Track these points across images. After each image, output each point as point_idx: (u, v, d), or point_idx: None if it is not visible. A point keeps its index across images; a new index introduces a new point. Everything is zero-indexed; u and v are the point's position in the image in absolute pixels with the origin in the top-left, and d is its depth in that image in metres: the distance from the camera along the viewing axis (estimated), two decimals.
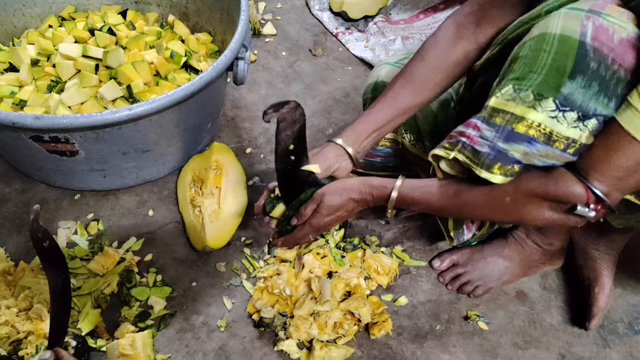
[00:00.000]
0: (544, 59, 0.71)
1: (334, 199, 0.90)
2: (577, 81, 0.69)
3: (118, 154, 1.17)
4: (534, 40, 0.73)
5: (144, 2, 1.59)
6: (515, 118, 0.73)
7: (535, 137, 0.72)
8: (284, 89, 1.61)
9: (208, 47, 1.51)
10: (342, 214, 0.92)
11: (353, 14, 1.77)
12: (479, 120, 0.77)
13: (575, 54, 0.69)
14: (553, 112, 0.70)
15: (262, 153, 1.42)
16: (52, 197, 1.28)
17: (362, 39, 1.74)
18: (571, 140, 0.71)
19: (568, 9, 0.73)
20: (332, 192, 0.90)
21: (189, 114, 1.20)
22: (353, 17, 1.78)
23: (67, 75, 1.28)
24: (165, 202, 1.30)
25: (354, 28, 1.79)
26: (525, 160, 0.74)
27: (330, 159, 0.95)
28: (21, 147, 1.12)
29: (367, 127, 0.96)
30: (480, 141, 0.76)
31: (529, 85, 0.71)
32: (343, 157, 0.96)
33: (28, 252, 1.17)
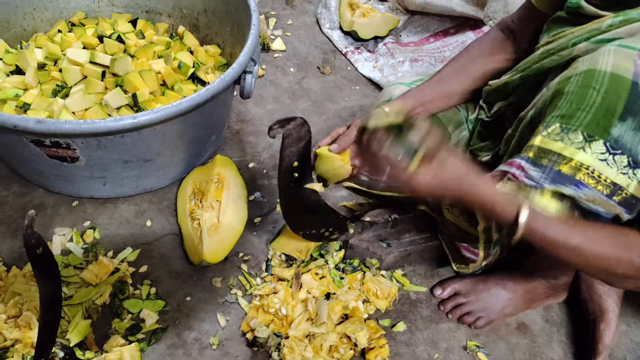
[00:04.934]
0: (593, 97, 0.68)
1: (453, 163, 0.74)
2: (627, 123, 0.66)
3: (119, 162, 1.15)
4: (581, 76, 0.71)
5: (155, 12, 1.59)
6: (562, 159, 0.70)
7: (583, 180, 0.69)
8: (291, 105, 1.60)
9: (216, 59, 1.50)
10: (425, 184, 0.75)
11: (363, 33, 1.77)
12: (524, 161, 0.75)
13: (627, 95, 0.66)
14: (603, 155, 0.68)
15: (265, 168, 1.40)
16: (49, 202, 1.27)
17: (371, 59, 1.74)
18: (618, 187, 0.68)
19: (618, 46, 0.70)
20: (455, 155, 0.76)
21: (193, 126, 1.18)
22: (363, 37, 1.77)
23: (73, 81, 1.27)
24: (164, 213, 1.28)
25: (364, 48, 1.78)
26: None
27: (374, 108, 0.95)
28: (22, 150, 1.11)
29: (413, 101, 1.00)
30: (526, 181, 0.74)
31: (578, 125, 0.69)
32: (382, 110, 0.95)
33: (21, 258, 1.15)
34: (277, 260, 1.19)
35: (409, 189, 0.76)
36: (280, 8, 1.96)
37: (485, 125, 1.02)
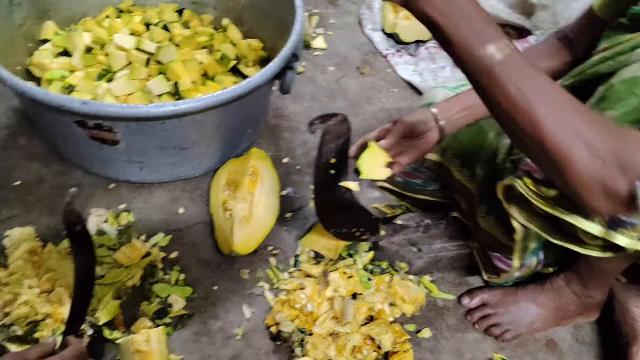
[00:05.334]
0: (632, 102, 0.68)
1: None
2: None
3: (157, 148, 1.17)
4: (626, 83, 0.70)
5: (201, 3, 1.61)
6: None
7: None
8: (328, 103, 1.60)
9: (258, 53, 1.51)
10: None
11: (405, 36, 1.76)
12: None
13: None
14: None
15: (298, 165, 1.40)
16: (87, 183, 1.29)
17: (411, 63, 1.72)
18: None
19: None
20: None
21: (231, 117, 1.19)
22: (405, 39, 1.76)
23: (118, 66, 1.30)
24: (197, 202, 1.29)
25: (404, 51, 1.77)
26: None
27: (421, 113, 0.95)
28: (65, 130, 1.13)
29: (460, 104, 0.98)
30: None
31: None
32: (434, 127, 0.96)
33: (57, 235, 1.17)
34: (305, 257, 1.19)
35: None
36: (323, 7, 1.97)
37: None
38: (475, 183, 1.09)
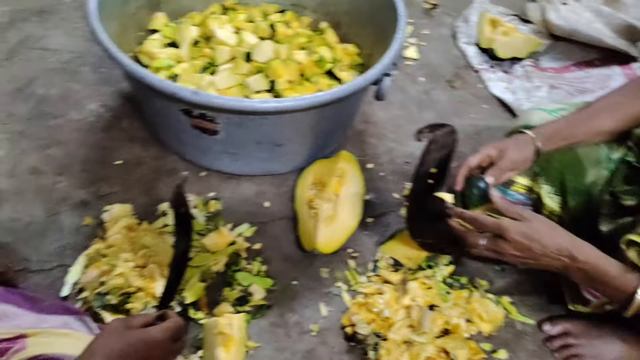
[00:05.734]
0: None
1: (543, 229, 0.80)
2: None
3: (253, 142, 1.21)
4: None
5: (301, 6, 1.65)
6: None
7: None
8: (416, 113, 1.60)
9: (353, 58, 1.53)
10: (529, 256, 0.81)
11: (501, 52, 1.73)
12: None
13: None
14: None
15: (382, 171, 1.41)
16: (181, 168, 1.35)
17: (504, 80, 1.69)
18: None
19: None
20: (546, 222, 0.82)
21: (327, 118, 1.22)
22: (501, 56, 1.73)
23: (222, 60, 1.36)
24: (283, 197, 1.32)
25: (498, 67, 1.74)
26: None
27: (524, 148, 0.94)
28: (170, 117, 1.20)
29: (561, 132, 0.96)
30: None
31: None
32: (531, 150, 0.95)
33: (152, 214, 1.24)
34: (384, 263, 1.19)
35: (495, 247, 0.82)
36: (417, 17, 1.97)
37: (633, 168, 0.96)
38: (567, 211, 1.06)
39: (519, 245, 0.81)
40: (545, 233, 0.81)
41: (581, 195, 1.02)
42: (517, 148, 0.95)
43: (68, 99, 1.47)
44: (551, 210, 1.08)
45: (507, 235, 0.81)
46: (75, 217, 1.21)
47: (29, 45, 1.61)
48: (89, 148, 1.36)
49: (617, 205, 0.95)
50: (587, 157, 1.03)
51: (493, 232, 0.83)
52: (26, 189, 1.25)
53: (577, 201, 1.03)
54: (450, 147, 0.82)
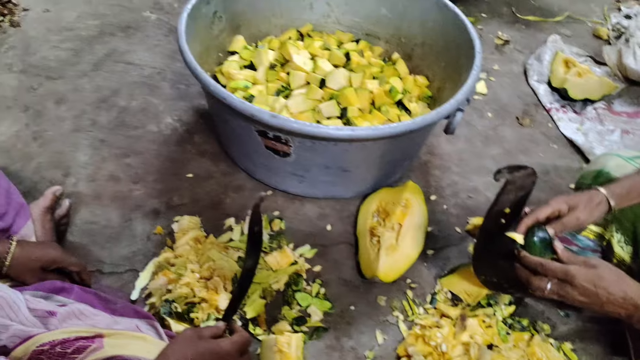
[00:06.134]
0: None
1: (610, 277, 0.81)
2: None
3: (322, 166, 1.24)
4: None
5: (374, 36, 1.68)
6: None
7: None
8: (482, 148, 1.59)
9: (422, 90, 1.55)
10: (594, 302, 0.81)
11: (574, 93, 1.71)
12: None
13: None
14: None
15: (445, 204, 1.41)
16: (248, 186, 1.40)
17: (576, 121, 1.67)
18: None
19: None
20: (612, 270, 0.82)
21: (396, 148, 1.23)
22: (573, 96, 1.71)
23: (297, 85, 1.40)
24: (344, 222, 1.34)
25: (570, 107, 1.72)
26: None
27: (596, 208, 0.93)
28: (245, 137, 1.24)
29: (635, 188, 0.95)
30: None
31: None
32: (603, 209, 0.94)
33: (218, 228, 1.28)
34: (442, 296, 1.19)
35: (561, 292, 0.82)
36: (488, 51, 1.97)
37: None
38: (637, 262, 1.03)
39: (584, 291, 0.81)
40: (612, 280, 0.81)
41: None
42: (588, 208, 0.93)
43: (147, 112, 1.55)
44: (621, 259, 1.05)
45: (573, 281, 0.81)
46: (146, 225, 1.27)
47: (114, 59, 1.71)
48: (163, 160, 1.43)
49: None
50: None
51: (560, 278, 0.83)
52: (104, 194, 1.32)
53: None
54: (527, 190, 0.82)
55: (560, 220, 0.93)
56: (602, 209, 0.94)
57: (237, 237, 1.27)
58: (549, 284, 0.84)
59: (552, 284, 0.83)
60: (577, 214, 0.93)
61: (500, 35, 2.02)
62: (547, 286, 0.84)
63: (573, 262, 0.84)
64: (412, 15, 1.58)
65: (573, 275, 0.81)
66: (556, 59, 1.80)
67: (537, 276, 0.85)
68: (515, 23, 2.11)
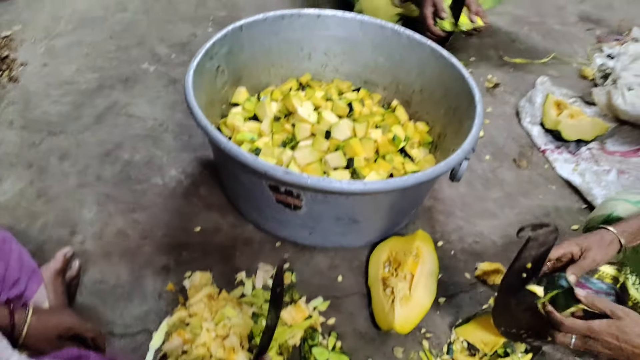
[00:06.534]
0: None
1: (632, 330, 0.81)
2: None
3: (332, 218, 1.25)
4: None
5: (372, 83, 1.72)
6: None
7: None
8: (483, 192, 1.62)
9: (423, 136, 1.58)
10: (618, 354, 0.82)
11: (567, 134, 1.75)
12: None
13: None
14: None
15: (453, 249, 1.42)
16: (257, 238, 1.40)
17: (571, 162, 1.71)
18: None
19: None
20: (634, 321, 0.82)
21: (405, 198, 1.25)
22: (566, 137, 1.76)
23: (302, 136, 1.42)
24: (355, 272, 1.34)
25: (564, 148, 1.76)
26: None
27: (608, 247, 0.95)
28: (255, 191, 1.25)
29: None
30: None
31: None
32: (615, 248, 0.96)
33: (229, 283, 1.28)
34: (459, 346, 1.19)
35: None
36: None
37: None
38: None
39: (608, 345, 0.83)
40: (636, 332, 0.82)
41: None
42: (601, 248, 0.96)
43: (151, 165, 1.55)
44: (637, 301, 1.07)
45: (598, 337, 0.83)
46: (157, 282, 1.26)
47: (116, 112, 1.72)
48: (170, 214, 1.42)
49: None
50: None
51: (583, 334, 0.84)
52: (112, 252, 1.31)
53: None
54: (548, 245, 0.84)
55: (577, 263, 0.95)
56: (615, 247, 0.97)
57: (249, 291, 1.26)
58: (572, 339, 0.85)
59: (577, 338, 0.85)
60: (593, 256, 0.95)
61: (490, 79, 2.08)
62: (571, 341, 0.86)
63: (600, 307, 0.85)
64: (410, 64, 1.62)
65: (597, 333, 0.83)
66: (547, 101, 1.85)
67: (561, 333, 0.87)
68: (503, 66, 2.18)
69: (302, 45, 1.67)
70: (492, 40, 2.33)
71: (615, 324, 0.83)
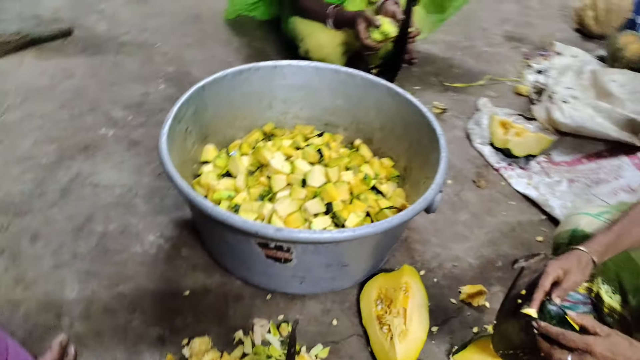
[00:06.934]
0: None
1: (624, 343, 0.87)
2: None
3: (323, 266, 1.29)
4: None
5: (333, 125, 1.79)
6: None
7: None
8: (452, 216, 1.71)
9: (389, 171, 1.65)
10: None
11: (517, 151, 1.88)
12: None
13: None
14: None
15: (435, 277, 1.49)
16: (247, 294, 1.41)
17: (524, 176, 1.83)
18: None
19: None
20: (623, 336, 0.88)
21: (388, 236, 1.31)
22: (516, 154, 1.88)
23: (279, 187, 1.46)
24: (347, 313, 1.38)
25: (516, 164, 1.89)
26: None
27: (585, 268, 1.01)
28: (244, 249, 1.27)
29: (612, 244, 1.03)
30: None
31: None
32: (590, 268, 1.02)
33: (228, 344, 1.28)
34: None
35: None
36: None
37: None
38: (628, 309, 1.14)
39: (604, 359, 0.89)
40: (626, 347, 0.88)
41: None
42: (579, 269, 1.02)
43: (127, 233, 1.54)
44: (612, 308, 1.17)
45: (594, 350, 0.89)
46: (155, 355, 1.25)
47: (81, 183, 1.69)
48: (155, 281, 1.41)
49: None
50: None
51: (580, 348, 0.90)
52: (103, 331, 1.29)
53: (637, 299, 1.12)
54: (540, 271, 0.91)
55: (560, 287, 1.03)
56: (590, 267, 1.05)
57: (250, 349, 1.27)
58: (569, 356, 0.91)
59: (573, 355, 0.91)
60: (573, 278, 1.02)
61: (436, 105, 2.20)
62: (567, 358, 0.91)
63: (590, 327, 0.92)
64: (367, 104, 1.70)
65: (592, 345, 0.89)
66: (493, 122, 1.98)
67: (558, 349, 0.93)
68: (446, 91, 2.31)
69: (262, 96, 1.72)
70: (432, 67, 2.46)
71: (607, 339, 0.89)
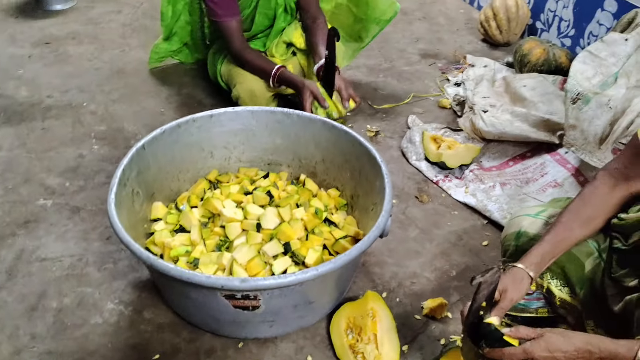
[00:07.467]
0: None
1: (557, 339, 0.95)
2: None
3: (290, 306, 1.31)
4: None
5: (276, 163, 1.83)
6: None
7: None
8: (402, 234, 1.78)
9: (337, 200, 1.71)
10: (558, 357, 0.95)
11: (451, 163, 1.99)
12: None
13: None
14: None
15: (397, 297, 1.55)
16: (218, 345, 1.41)
17: (461, 185, 1.95)
18: None
19: None
20: (556, 332, 0.96)
21: (350, 268, 1.36)
22: (450, 166, 2.00)
23: (234, 235, 1.48)
24: (320, 348, 1.41)
25: (452, 175, 2.00)
26: None
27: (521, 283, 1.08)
28: (209, 303, 1.28)
29: (547, 256, 1.12)
30: None
31: None
32: (527, 282, 1.09)
33: None
34: None
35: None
36: None
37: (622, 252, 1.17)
38: (578, 299, 1.23)
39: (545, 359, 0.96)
40: (560, 341, 0.97)
41: (586, 284, 1.21)
42: (515, 286, 1.10)
43: (84, 305, 1.50)
44: (563, 300, 1.26)
45: (534, 355, 0.96)
46: None
47: (26, 259, 1.63)
48: (122, 351, 1.39)
49: (621, 287, 1.14)
50: (580, 252, 1.21)
51: (523, 357, 0.97)
52: None
53: (584, 290, 1.22)
54: (495, 283, 0.99)
55: (498, 306, 1.08)
56: (527, 282, 1.12)
57: None
58: None
59: None
60: (510, 296, 1.09)
61: (369, 128, 2.29)
62: None
63: (525, 335, 1.00)
64: (305, 139, 1.75)
65: (531, 351, 0.96)
66: (425, 138, 2.09)
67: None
68: (376, 114, 2.41)
69: (202, 145, 1.74)
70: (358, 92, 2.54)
71: (542, 340, 0.97)
